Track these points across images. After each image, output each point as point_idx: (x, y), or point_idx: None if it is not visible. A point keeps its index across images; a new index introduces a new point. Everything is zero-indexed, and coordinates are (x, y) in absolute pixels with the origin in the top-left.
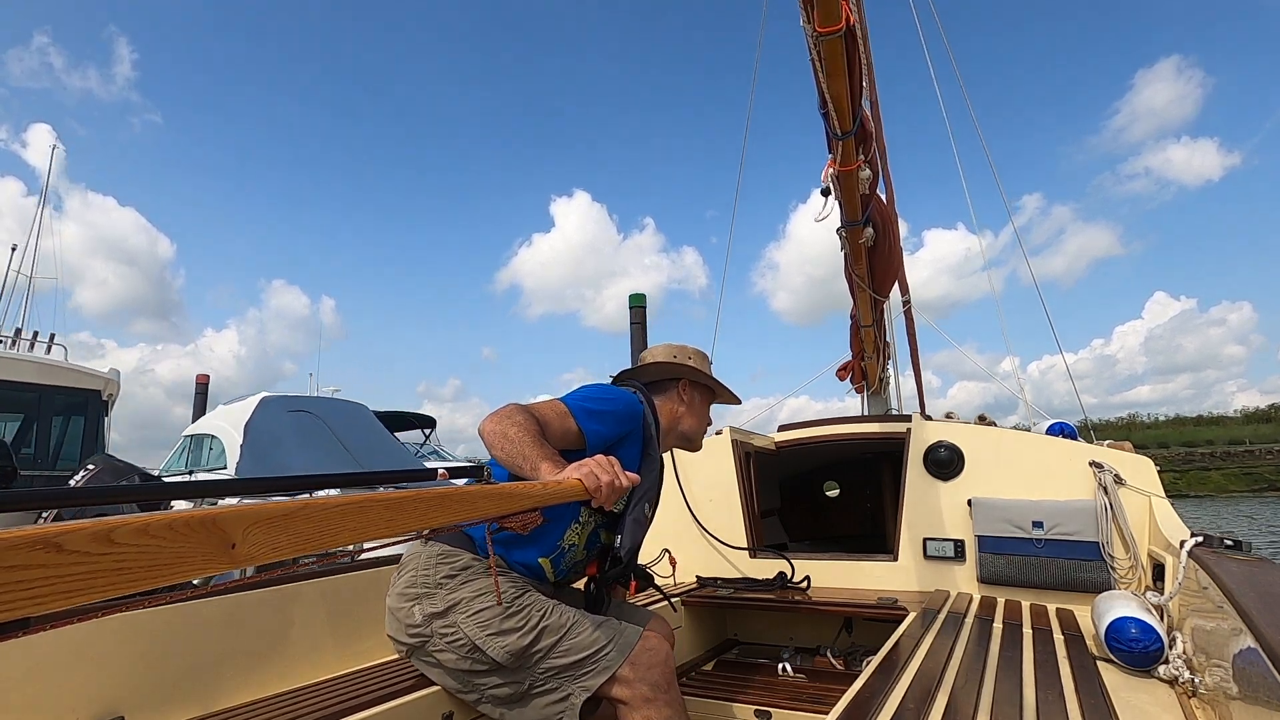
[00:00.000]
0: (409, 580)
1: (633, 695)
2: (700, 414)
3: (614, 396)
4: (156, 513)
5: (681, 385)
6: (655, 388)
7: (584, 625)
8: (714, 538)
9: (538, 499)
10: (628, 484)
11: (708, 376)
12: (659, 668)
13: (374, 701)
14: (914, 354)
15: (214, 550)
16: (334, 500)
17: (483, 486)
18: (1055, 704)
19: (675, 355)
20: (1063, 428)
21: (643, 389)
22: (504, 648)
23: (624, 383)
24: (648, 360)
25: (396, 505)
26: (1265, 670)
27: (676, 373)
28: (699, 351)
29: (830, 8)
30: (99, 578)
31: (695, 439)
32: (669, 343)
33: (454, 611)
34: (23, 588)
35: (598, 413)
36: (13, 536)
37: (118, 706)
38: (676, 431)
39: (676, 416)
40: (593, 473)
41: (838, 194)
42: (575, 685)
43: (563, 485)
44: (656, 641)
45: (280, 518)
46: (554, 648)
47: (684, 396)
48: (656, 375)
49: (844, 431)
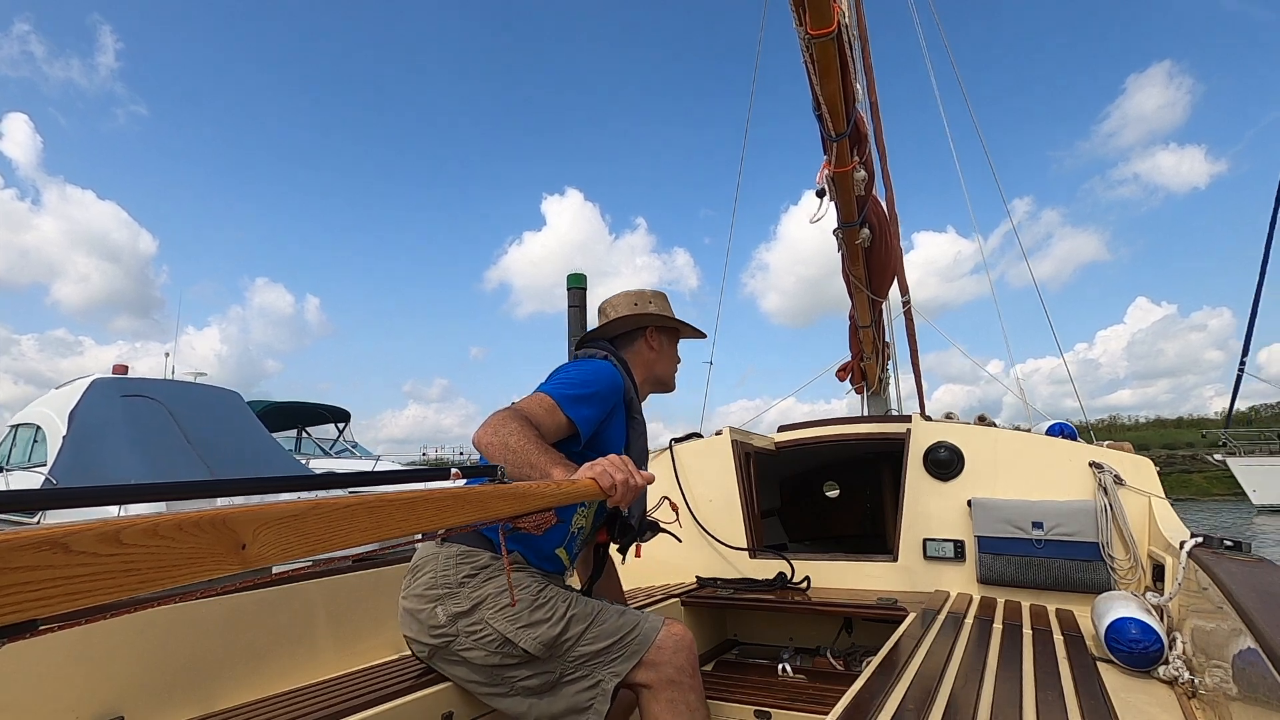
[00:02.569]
0: (428, 581)
1: (658, 679)
2: (670, 356)
3: (594, 375)
4: (166, 513)
5: (649, 333)
6: (622, 340)
7: (610, 613)
8: (714, 538)
9: (552, 499)
10: (643, 482)
11: (672, 319)
12: (684, 652)
13: (374, 701)
14: (914, 354)
15: (224, 551)
16: (346, 500)
17: (497, 487)
18: (1055, 704)
19: (636, 303)
20: (1062, 428)
21: (612, 350)
22: (535, 638)
23: (590, 346)
24: (610, 314)
25: (410, 505)
26: (1265, 670)
27: (641, 323)
28: (658, 293)
29: (822, 10)
30: (107, 579)
31: (669, 382)
32: (627, 290)
33: (481, 609)
34: (29, 589)
35: (584, 397)
36: (19, 537)
37: (118, 706)
38: (651, 380)
39: (649, 365)
40: (607, 472)
41: (833, 195)
42: (606, 671)
43: (577, 485)
44: (680, 629)
45: (291, 518)
46: (583, 635)
47: (652, 344)
48: (622, 329)
49: (844, 432)
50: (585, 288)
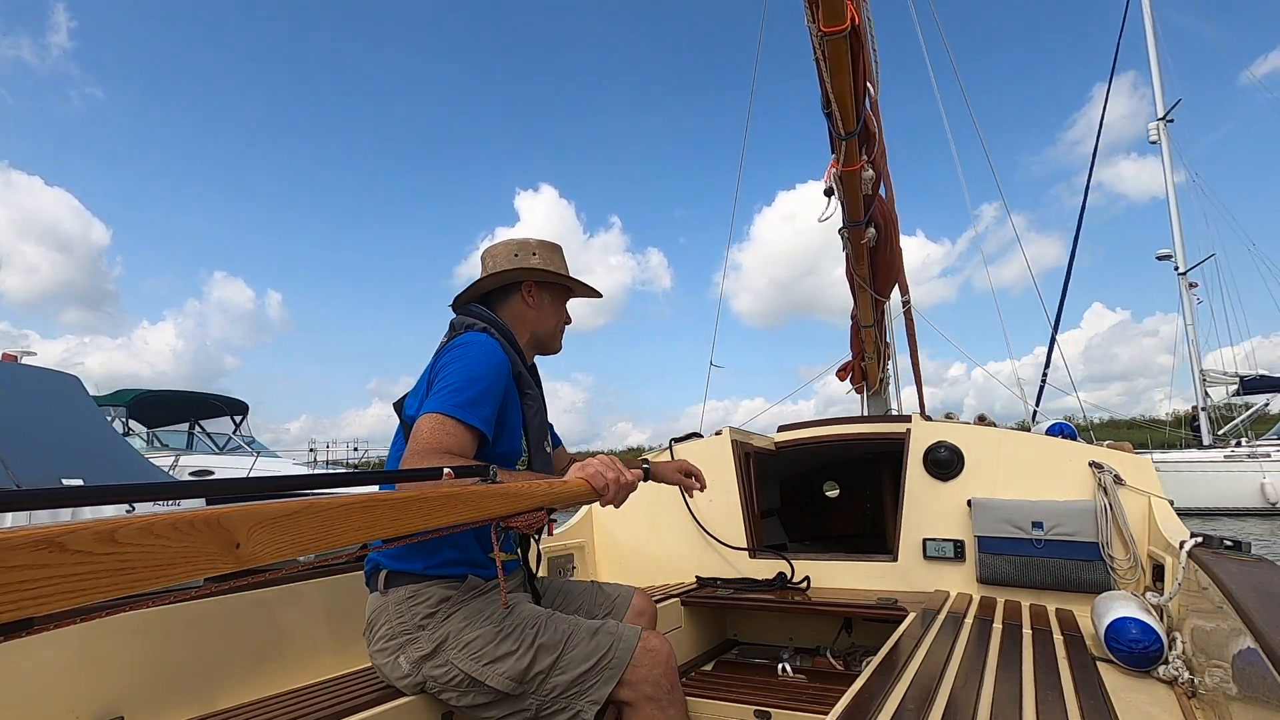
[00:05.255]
0: (385, 633)
1: (636, 696)
2: (553, 314)
3: (477, 367)
4: (160, 512)
5: (526, 287)
6: (499, 295)
7: (580, 635)
8: (714, 538)
9: (544, 498)
10: (633, 479)
11: (553, 274)
12: (661, 667)
13: (374, 701)
14: (914, 354)
15: (218, 550)
16: (339, 499)
17: (490, 486)
18: (1055, 704)
19: (517, 254)
20: (1062, 428)
21: (491, 319)
22: (502, 674)
23: (463, 312)
24: (490, 266)
25: (402, 505)
26: (1265, 670)
27: (519, 277)
28: (544, 243)
29: (835, 7)
30: (102, 578)
31: (551, 342)
32: (511, 239)
33: (444, 649)
34: (25, 588)
35: (474, 398)
36: (15, 536)
37: (118, 706)
38: (534, 341)
39: (529, 324)
40: (599, 473)
41: (840, 195)
42: (583, 701)
43: (569, 485)
44: (657, 641)
45: (284, 517)
46: (554, 665)
47: (529, 300)
48: (499, 284)
49: (844, 432)
50: None
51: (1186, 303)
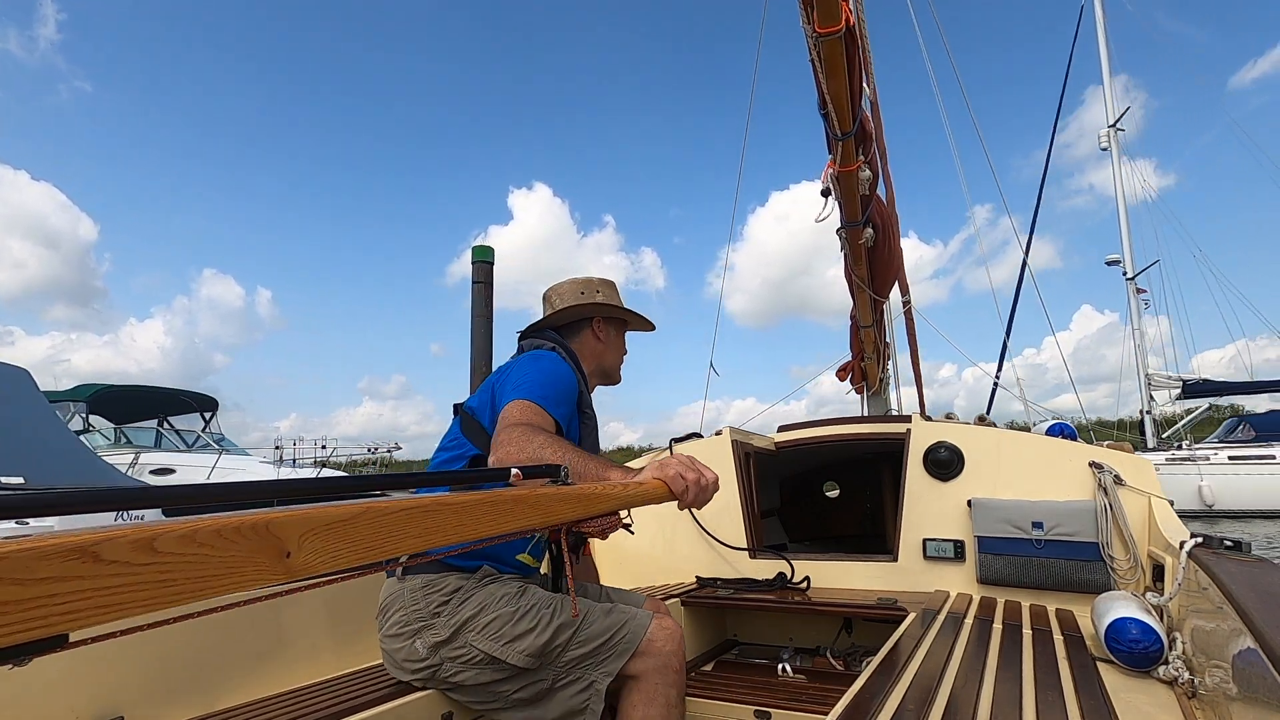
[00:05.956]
0: (400, 619)
1: (645, 669)
2: (617, 347)
3: (558, 376)
4: (203, 518)
5: (596, 323)
6: (569, 330)
7: (596, 613)
8: (714, 538)
9: (619, 501)
10: (713, 478)
11: (620, 309)
12: (673, 644)
13: (374, 701)
14: (914, 355)
15: (267, 560)
16: (401, 503)
17: (560, 489)
18: (1055, 705)
19: (584, 292)
20: (1062, 428)
21: (560, 342)
22: (523, 651)
23: (536, 337)
24: (556, 303)
25: (467, 510)
26: (1265, 670)
27: (588, 313)
28: (606, 282)
29: (830, 8)
30: (140, 590)
31: (614, 374)
32: (574, 278)
33: (462, 633)
34: (55, 601)
35: (555, 397)
36: (46, 545)
37: (118, 706)
38: (599, 371)
39: (596, 356)
40: (680, 475)
41: (838, 195)
42: (598, 671)
43: (645, 487)
44: (671, 622)
45: (340, 523)
46: (572, 639)
47: (599, 334)
48: (568, 319)
49: (844, 432)
50: (492, 262)
51: (1134, 307)
